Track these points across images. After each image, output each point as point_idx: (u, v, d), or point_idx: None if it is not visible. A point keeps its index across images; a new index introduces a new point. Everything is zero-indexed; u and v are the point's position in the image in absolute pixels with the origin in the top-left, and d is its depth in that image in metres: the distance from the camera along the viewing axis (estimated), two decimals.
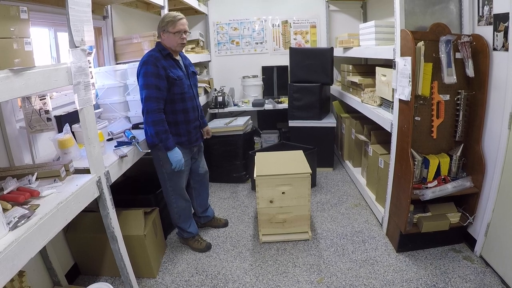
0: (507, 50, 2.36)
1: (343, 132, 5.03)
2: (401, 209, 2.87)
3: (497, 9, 2.42)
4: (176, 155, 2.77)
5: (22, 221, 1.48)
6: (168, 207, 3.11)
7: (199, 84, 4.76)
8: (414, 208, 2.85)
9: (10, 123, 2.24)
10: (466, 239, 2.98)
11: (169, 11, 3.62)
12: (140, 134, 2.88)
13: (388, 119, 3.08)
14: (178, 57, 2.88)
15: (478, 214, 2.82)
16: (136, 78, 2.78)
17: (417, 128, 2.78)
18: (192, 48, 4.96)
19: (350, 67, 4.64)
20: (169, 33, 2.71)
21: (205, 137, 3.30)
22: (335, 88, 5.28)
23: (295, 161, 3.39)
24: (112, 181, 2.20)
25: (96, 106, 3.12)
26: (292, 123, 4.82)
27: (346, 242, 3.18)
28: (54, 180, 1.94)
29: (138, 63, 2.73)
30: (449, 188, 2.76)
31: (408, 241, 2.94)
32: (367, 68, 4.58)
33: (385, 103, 3.42)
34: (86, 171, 2.07)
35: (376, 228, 3.36)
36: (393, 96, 2.99)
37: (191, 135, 2.95)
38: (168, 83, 2.68)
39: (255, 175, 3.14)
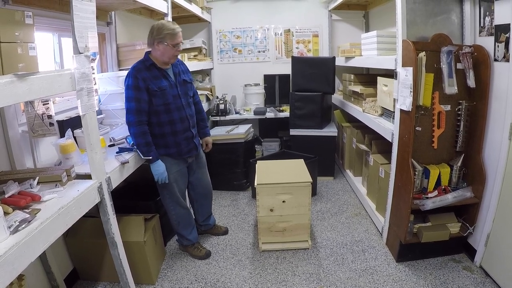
0: (508, 61, 2.38)
1: (344, 141, 5.04)
2: (401, 219, 2.86)
3: (498, 20, 2.44)
4: (158, 168, 2.73)
5: (23, 225, 1.48)
6: (168, 214, 3.08)
7: (201, 92, 4.78)
8: (414, 218, 2.85)
9: (13, 127, 2.25)
10: (466, 249, 2.97)
11: (172, 18, 3.67)
12: None
13: (389, 129, 3.09)
14: (167, 66, 2.81)
15: (478, 224, 2.81)
16: None
17: (418, 138, 2.79)
18: (194, 56, 4.99)
19: (352, 76, 4.65)
20: (166, 45, 2.66)
21: (203, 149, 3.27)
22: (336, 97, 5.29)
23: (295, 169, 3.39)
24: (113, 187, 2.21)
25: (99, 112, 3.12)
26: (293, 132, 4.82)
27: (346, 251, 3.17)
28: (56, 185, 1.94)
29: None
30: (450, 198, 2.76)
31: (408, 251, 2.93)
32: (368, 77, 4.59)
33: (386, 113, 3.43)
34: (88, 176, 2.08)
35: (376, 238, 3.35)
36: (394, 106, 3.00)
37: (181, 146, 2.87)
38: (148, 95, 2.64)
39: (255, 184, 3.14)
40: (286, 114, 5.20)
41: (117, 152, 2.57)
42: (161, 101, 2.69)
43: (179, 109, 2.80)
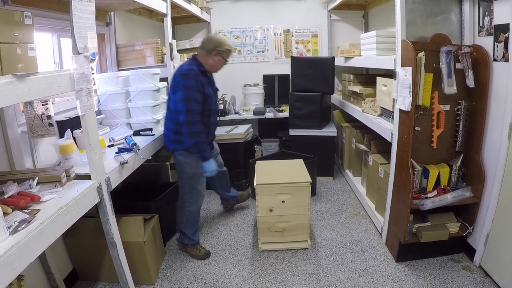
0: (507, 60, 2.38)
1: (343, 141, 5.04)
2: (401, 219, 2.87)
3: (498, 20, 2.44)
4: (211, 165, 2.93)
5: (23, 226, 1.48)
6: (179, 210, 3.17)
7: None
8: (413, 218, 2.85)
9: (12, 128, 2.24)
10: (466, 249, 2.97)
11: (172, 18, 3.67)
12: (141, 141, 2.89)
13: (389, 129, 3.09)
14: (209, 74, 3.07)
15: (477, 224, 2.82)
16: (172, 88, 2.84)
17: (417, 138, 2.79)
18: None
19: (351, 76, 4.65)
20: (221, 58, 2.95)
21: None
22: (336, 98, 5.29)
23: (295, 170, 3.39)
24: (113, 187, 2.21)
25: (98, 112, 3.13)
26: (292, 132, 4.82)
27: (345, 251, 3.17)
28: (55, 185, 1.94)
29: (176, 74, 2.84)
30: (449, 198, 2.76)
31: (407, 250, 2.93)
32: (368, 77, 4.60)
33: (386, 113, 3.43)
34: (87, 177, 2.08)
35: (376, 238, 3.36)
36: (393, 106, 3.00)
37: (209, 146, 3.07)
38: (202, 98, 2.83)
39: (255, 184, 3.14)
40: (286, 114, 5.20)
41: (116, 153, 2.57)
42: (208, 106, 2.92)
43: (214, 115, 3.10)
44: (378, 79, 3.46)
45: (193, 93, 2.73)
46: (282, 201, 3.11)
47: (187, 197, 3.10)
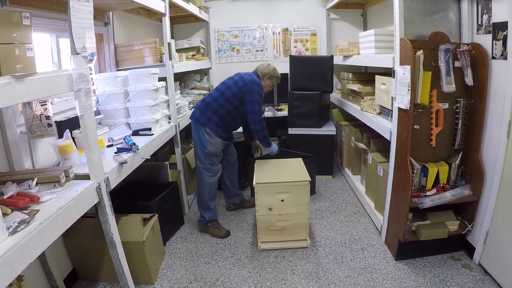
0: (505, 58, 2.38)
1: (342, 140, 5.04)
2: (400, 217, 2.87)
3: (496, 17, 2.44)
4: (274, 147, 3.90)
5: (22, 226, 1.48)
6: (200, 184, 3.56)
7: (199, 91, 4.85)
8: (412, 216, 2.86)
9: (11, 128, 2.24)
10: (465, 247, 2.98)
11: (170, 18, 3.67)
12: (140, 141, 2.89)
13: (387, 127, 3.09)
14: None
15: (477, 222, 2.82)
16: (243, 90, 3.37)
17: (416, 136, 2.79)
18: (192, 55, 4.99)
19: (350, 75, 4.65)
20: (271, 82, 3.63)
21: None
22: (335, 96, 5.29)
23: (294, 168, 3.40)
24: (112, 187, 2.21)
25: (97, 112, 3.12)
26: (291, 131, 4.82)
27: (345, 249, 3.18)
28: (54, 186, 1.94)
29: (249, 79, 3.39)
30: (448, 196, 2.76)
31: (407, 249, 2.94)
32: (366, 76, 4.60)
33: (385, 112, 3.43)
34: (86, 177, 2.08)
35: (375, 236, 3.36)
36: (392, 104, 3.00)
37: (230, 135, 3.67)
38: None
39: (254, 183, 3.14)
40: (285, 113, 5.19)
41: (115, 153, 2.57)
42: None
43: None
44: (377, 77, 3.46)
45: (260, 98, 3.41)
46: (282, 200, 3.11)
47: (206, 172, 3.49)
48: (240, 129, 4.44)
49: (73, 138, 2.36)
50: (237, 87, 3.37)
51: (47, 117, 2.33)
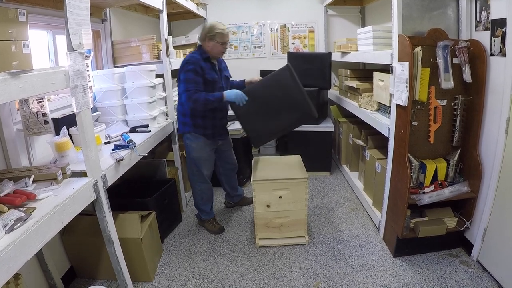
0: (504, 55, 2.38)
1: (340, 137, 5.04)
2: (398, 214, 2.87)
3: (495, 14, 2.44)
4: (231, 94, 3.07)
5: (19, 224, 1.48)
6: (192, 191, 3.56)
7: None
8: (411, 213, 2.86)
9: (8, 126, 2.23)
10: (463, 243, 2.98)
11: (167, 14, 3.66)
12: (137, 138, 2.88)
13: (386, 124, 3.09)
14: (214, 61, 3.23)
15: (475, 218, 2.82)
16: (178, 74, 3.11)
17: (414, 133, 2.79)
18: (190, 52, 4.97)
19: (348, 71, 4.65)
20: (216, 43, 3.08)
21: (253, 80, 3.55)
22: (332, 93, 5.29)
23: (292, 165, 3.39)
24: (109, 184, 2.20)
25: (94, 109, 3.12)
26: None
27: (343, 246, 3.18)
28: (51, 183, 1.93)
29: (183, 60, 3.08)
30: (446, 193, 2.77)
31: (405, 245, 2.94)
32: (364, 73, 4.59)
33: (383, 108, 3.43)
34: (83, 174, 2.07)
35: (373, 233, 3.36)
36: (390, 101, 3.00)
37: (216, 129, 3.32)
38: (203, 81, 3.02)
39: (252, 180, 3.14)
40: None
41: (112, 150, 2.56)
42: (211, 90, 3.08)
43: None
44: (375, 74, 3.46)
45: (190, 74, 2.95)
46: (280, 197, 3.11)
47: (196, 178, 3.43)
48: (235, 126, 4.44)
49: (70, 135, 2.36)
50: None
51: (44, 114, 2.32)
